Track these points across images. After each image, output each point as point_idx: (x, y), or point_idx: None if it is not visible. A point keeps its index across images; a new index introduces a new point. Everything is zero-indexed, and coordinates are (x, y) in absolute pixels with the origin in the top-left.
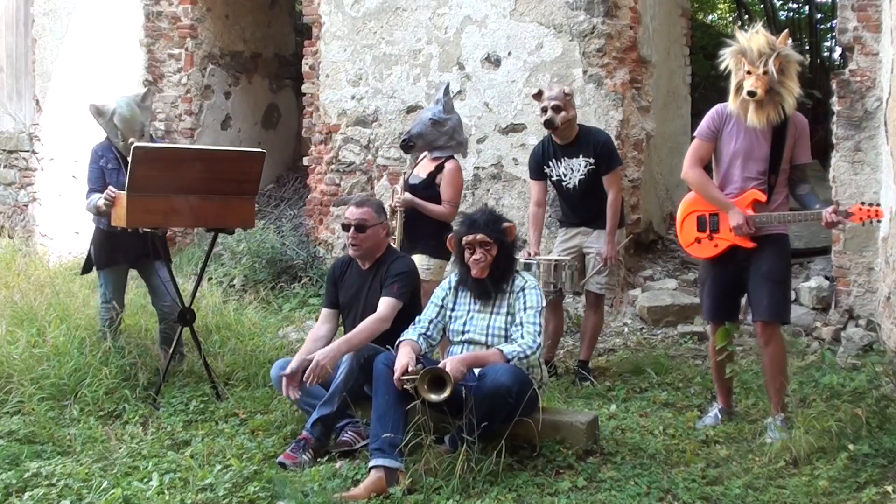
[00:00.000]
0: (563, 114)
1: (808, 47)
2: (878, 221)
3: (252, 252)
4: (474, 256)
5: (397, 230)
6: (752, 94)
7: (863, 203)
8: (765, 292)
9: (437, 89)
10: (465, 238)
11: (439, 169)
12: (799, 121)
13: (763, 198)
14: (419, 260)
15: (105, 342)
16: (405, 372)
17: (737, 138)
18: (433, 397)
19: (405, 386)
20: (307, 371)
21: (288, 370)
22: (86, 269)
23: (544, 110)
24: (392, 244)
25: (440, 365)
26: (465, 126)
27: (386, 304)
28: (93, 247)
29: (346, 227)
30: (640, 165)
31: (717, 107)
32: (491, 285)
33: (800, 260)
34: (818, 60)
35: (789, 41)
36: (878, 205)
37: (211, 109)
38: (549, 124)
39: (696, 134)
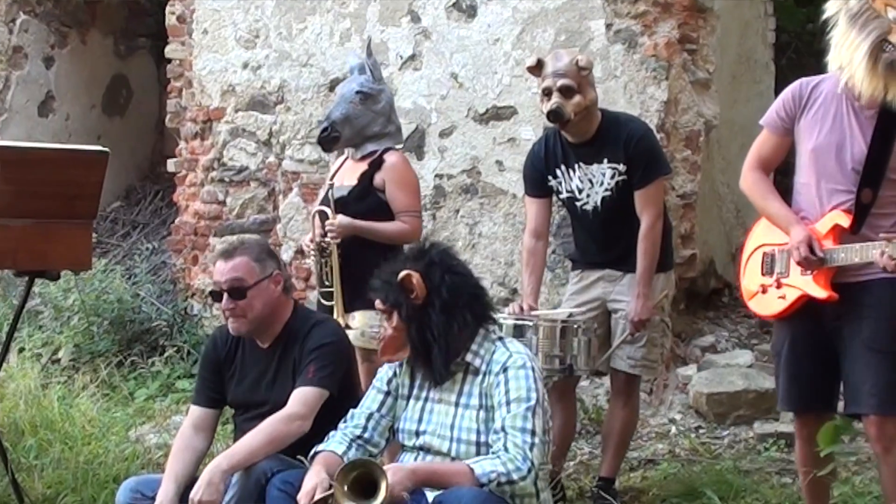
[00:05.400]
0: (576, 98)
1: None
2: None
3: (88, 308)
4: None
5: (333, 278)
6: None
7: None
8: (869, 370)
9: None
10: None
11: (375, 166)
12: None
13: (847, 221)
14: (364, 319)
15: None
16: (312, 498)
17: (821, 128)
18: None
19: None
20: None
21: None
22: None
23: (546, 93)
24: (322, 302)
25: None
26: (423, 110)
27: (299, 396)
28: None
29: (215, 296)
30: (696, 172)
31: (800, 81)
32: (423, 368)
33: None
34: None
35: None
36: None
37: (23, 84)
38: (554, 116)
39: (762, 121)
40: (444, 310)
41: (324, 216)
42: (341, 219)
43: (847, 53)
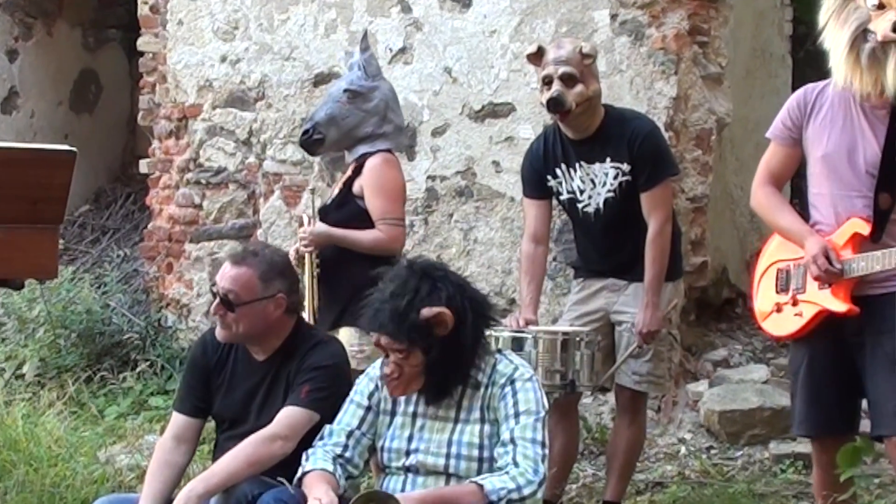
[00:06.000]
0: (579, 88)
1: None
2: None
3: (54, 320)
4: (385, 369)
5: (307, 291)
6: None
7: None
8: (892, 388)
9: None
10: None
11: (357, 171)
12: None
13: (865, 229)
14: (346, 337)
15: None
16: None
17: (831, 133)
18: None
19: None
20: None
21: None
22: None
23: (547, 81)
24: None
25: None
26: (413, 106)
27: (285, 416)
28: None
29: (213, 294)
30: (707, 173)
31: (804, 88)
32: (434, 394)
33: None
34: None
35: None
36: None
37: None
38: (554, 104)
39: (768, 133)
40: (474, 331)
41: (301, 223)
42: (317, 226)
43: (835, 52)
